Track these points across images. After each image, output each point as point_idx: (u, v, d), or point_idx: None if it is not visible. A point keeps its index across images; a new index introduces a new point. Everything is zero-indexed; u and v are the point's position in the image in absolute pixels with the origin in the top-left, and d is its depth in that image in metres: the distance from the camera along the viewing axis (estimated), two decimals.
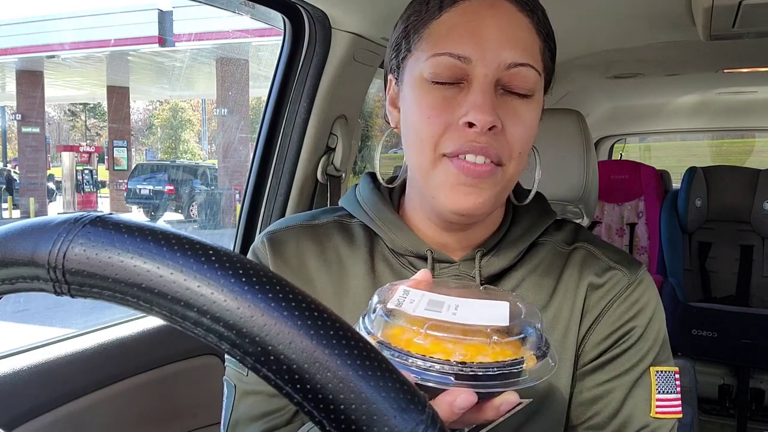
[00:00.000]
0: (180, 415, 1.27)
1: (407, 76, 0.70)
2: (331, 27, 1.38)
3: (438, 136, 0.66)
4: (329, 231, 0.79)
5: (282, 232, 0.79)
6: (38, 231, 0.33)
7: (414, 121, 0.68)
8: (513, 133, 0.67)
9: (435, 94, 0.67)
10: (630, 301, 0.74)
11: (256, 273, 0.31)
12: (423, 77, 0.67)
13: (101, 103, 20.62)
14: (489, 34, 0.65)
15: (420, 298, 0.51)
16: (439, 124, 0.66)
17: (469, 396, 0.46)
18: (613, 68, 2.17)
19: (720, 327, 2.91)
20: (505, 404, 0.48)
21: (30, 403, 0.98)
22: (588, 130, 1.26)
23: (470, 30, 0.66)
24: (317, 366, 0.29)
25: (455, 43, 0.66)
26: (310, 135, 1.46)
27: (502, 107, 0.66)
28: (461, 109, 0.65)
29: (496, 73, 0.65)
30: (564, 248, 0.77)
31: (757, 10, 1.28)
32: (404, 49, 0.71)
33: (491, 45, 0.65)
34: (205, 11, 12.41)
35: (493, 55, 0.65)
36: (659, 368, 0.73)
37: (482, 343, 0.47)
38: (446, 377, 0.46)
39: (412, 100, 0.69)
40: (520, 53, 0.66)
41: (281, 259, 0.77)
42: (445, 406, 0.46)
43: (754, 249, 3.29)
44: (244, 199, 1.52)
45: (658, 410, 0.71)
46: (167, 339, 1.24)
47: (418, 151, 0.69)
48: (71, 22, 12.93)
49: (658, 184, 3.47)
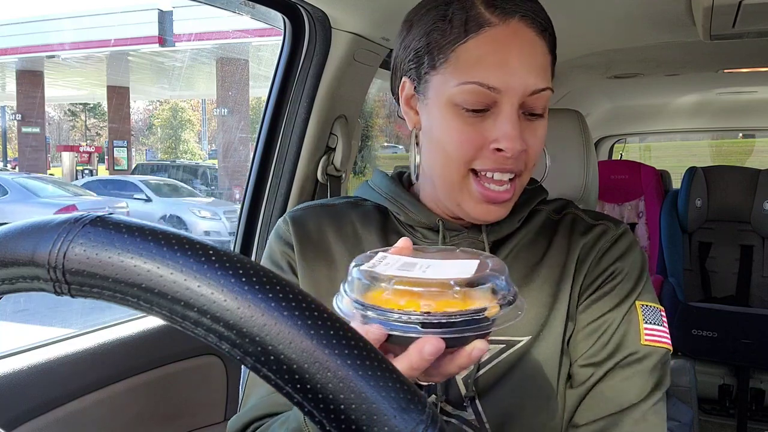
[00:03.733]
0: (180, 415, 1.27)
1: (432, 93, 0.75)
2: (331, 27, 1.38)
3: (469, 157, 0.73)
4: (345, 209, 0.87)
5: (302, 211, 0.87)
6: (38, 231, 0.33)
7: (443, 141, 0.74)
8: (531, 148, 0.75)
9: (466, 120, 0.72)
10: (616, 247, 0.81)
11: (256, 273, 0.31)
12: (453, 102, 0.72)
13: (101, 103, 20.63)
14: (514, 64, 0.71)
15: (395, 261, 0.54)
16: (470, 148, 0.73)
17: (437, 342, 0.48)
18: (613, 68, 2.17)
19: (720, 327, 2.91)
20: (476, 351, 0.51)
21: (30, 403, 0.98)
22: (588, 130, 1.26)
23: (498, 61, 0.71)
24: (317, 366, 0.29)
25: (484, 72, 0.71)
26: (310, 135, 1.46)
27: (524, 129, 0.73)
28: (491, 134, 0.72)
29: (521, 99, 0.72)
30: (555, 216, 0.86)
31: (757, 10, 1.28)
32: (427, 65, 0.75)
33: (518, 75, 0.71)
34: (205, 11, 12.41)
35: (519, 85, 0.71)
36: (644, 302, 0.80)
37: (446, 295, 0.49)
38: (412, 326, 0.48)
39: (441, 122, 0.74)
40: (541, 79, 0.72)
41: (303, 235, 0.84)
42: (415, 354, 0.49)
43: (754, 249, 3.29)
44: (244, 198, 1.52)
45: (647, 338, 0.77)
46: (167, 339, 1.24)
47: (444, 165, 0.75)
48: (71, 22, 12.93)
49: (658, 184, 3.47)
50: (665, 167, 3.76)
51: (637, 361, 0.76)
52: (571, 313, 0.79)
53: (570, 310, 0.79)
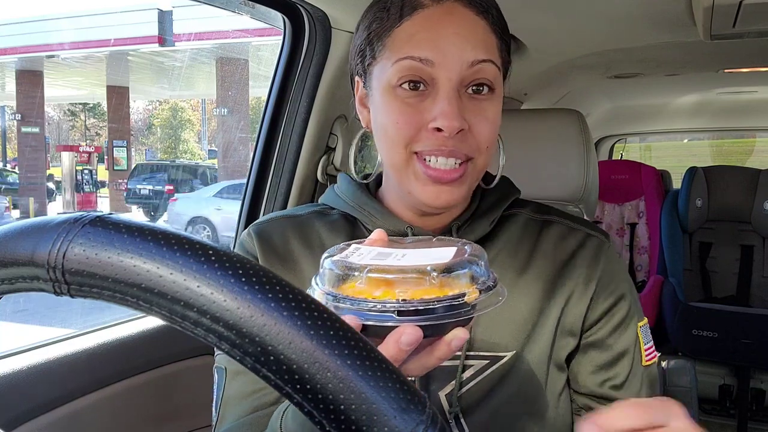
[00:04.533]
0: (180, 415, 1.27)
1: (374, 81, 0.74)
2: (331, 27, 1.38)
3: (409, 138, 0.71)
4: (311, 219, 0.84)
5: (267, 224, 0.84)
6: (38, 231, 0.33)
7: (384, 124, 0.72)
8: (480, 130, 0.71)
9: (403, 100, 0.71)
10: (612, 264, 0.81)
11: (256, 273, 0.31)
12: (390, 84, 0.71)
13: (101, 103, 20.63)
14: (449, 37, 0.69)
15: (369, 252, 0.52)
16: (409, 128, 0.70)
17: (414, 331, 0.46)
18: (613, 68, 2.17)
19: (720, 327, 2.91)
20: (456, 340, 0.49)
21: (30, 403, 0.98)
22: (588, 130, 1.26)
23: (430, 34, 0.69)
24: (317, 366, 0.29)
25: (416, 47, 0.69)
26: (310, 135, 1.46)
27: (468, 108, 0.70)
28: (429, 113, 0.70)
29: (459, 74, 0.69)
30: (536, 217, 0.83)
31: (758, 10, 1.28)
32: (369, 56, 0.74)
33: (452, 48, 0.69)
34: (205, 11, 12.40)
35: (455, 58, 0.69)
36: (640, 324, 0.81)
37: (423, 282, 0.47)
38: (388, 315, 0.46)
39: (381, 106, 0.73)
40: (480, 51, 0.70)
41: (268, 248, 0.81)
42: (392, 344, 0.46)
43: (755, 249, 3.29)
44: (244, 198, 1.52)
45: (647, 359, 0.80)
46: (167, 339, 1.24)
47: (390, 151, 0.73)
48: (71, 22, 12.93)
49: (658, 184, 3.47)
50: (665, 167, 3.76)
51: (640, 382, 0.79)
52: (565, 327, 0.78)
53: (561, 324, 0.77)
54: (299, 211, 0.86)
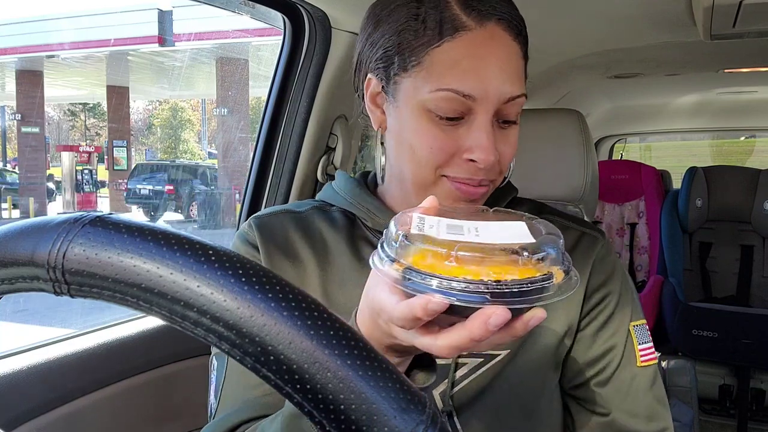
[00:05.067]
0: (180, 415, 1.27)
1: (403, 96, 0.72)
2: (331, 27, 1.38)
3: (440, 163, 0.70)
4: (311, 216, 0.84)
5: (267, 217, 0.84)
6: (38, 231, 0.33)
7: (414, 145, 0.71)
8: (505, 157, 0.72)
9: (439, 127, 0.70)
10: (608, 261, 0.81)
11: (256, 273, 0.31)
12: (426, 108, 0.69)
13: (101, 103, 20.62)
14: (491, 71, 0.68)
15: (438, 223, 0.51)
16: (442, 155, 0.70)
17: (504, 313, 0.45)
18: (613, 68, 2.17)
19: (720, 327, 2.91)
20: (534, 319, 0.48)
21: (30, 403, 0.98)
22: (588, 130, 1.26)
23: (473, 67, 0.68)
24: (317, 366, 0.29)
25: (459, 79, 0.67)
26: (310, 135, 1.46)
27: (498, 137, 0.71)
28: (464, 143, 0.69)
29: (495, 108, 0.69)
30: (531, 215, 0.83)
31: (758, 10, 1.28)
32: (398, 66, 0.71)
33: (495, 83, 0.68)
34: (205, 11, 12.41)
35: (495, 92, 0.68)
36: (635, 323, 0.80)
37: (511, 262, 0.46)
38: (482, 296, 0.45)
39: (412, 124, 0.71)
40: (517, 86, 0.70)
41: (269, 240, 0.80)
42: (479, 325, 0.46)
43: (755, 249, 3.29)
44: (244, 198, 1.52)
45: (642, 359, 0.79)
46: (167, 339, 1.24)
47: (416, 170, 0.72)
48: (71, 22, 12.93)
49: (658, 184, 3.47)
50: (665, 167, 3.76)
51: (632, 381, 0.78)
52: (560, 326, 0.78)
53: (556, 323, 0.77)
54: (300, 207, 0.86)
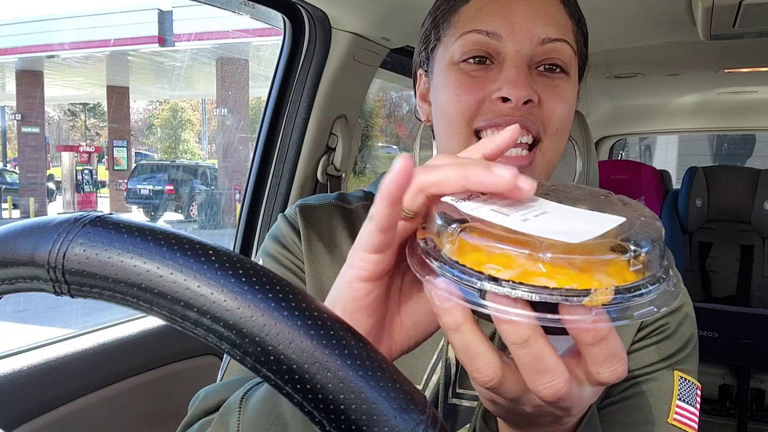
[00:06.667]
0: (180, 415, 1.27)
1: (437, 64, 0.69)
2: (331, 27, 1.38)
3: (470, 113, 0.64)
4: (360, 214, 0.77)
5: (315, 206, 0.77)
6: (38, 231, 0.33)
7: (443, 102, 0.66)
8: (550, 106, 0.64)
9: (465, 72, 0.65)
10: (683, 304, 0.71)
11: (256, 273, 0.31)
12: (453, 60, 0.66)
13: (101, 103, 20.62)
14: (519, 10, 0.63)
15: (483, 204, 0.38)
16: (470, 101, 0.64)
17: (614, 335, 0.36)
18: (613, 68, 2.17)
19: (720, 327, 2.91)
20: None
21: (30, 403, 0.98)
22: (588, 130, 1.26)
23: (498, 8, 0.64)
24: (317, 366, 0.29)
25: (483, 20, 0.64)
26: (310, 135, 1.46)
27: (539, 83, 0.64)
28: (494, 85, 0.63)
29: (529, 50, 0.63)
30: None
31: (758, 10, 1.28)
32: (434, 39, 0.69)
33: (522, 21, 0.63)
34: (205, 11, 12.41)
35: (524, 31, 0.63)
36: (684, 374, 0.67)
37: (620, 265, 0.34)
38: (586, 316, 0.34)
39: (441, 84, 0.67)
40: (553, 29, 0.64)
41: (313, 229, 0.75)
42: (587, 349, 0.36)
43: (755, 249, 3.29)
44: (244, 198, 1.52)
45: (676, 417, 0.65)
46: (167, 339, 1.24)
47: (448, 132, 0.66)
48: (71, 22, 12.93)
49: (658, 184, 3.47)
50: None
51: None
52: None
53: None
54: (349, 203, 0.79)
